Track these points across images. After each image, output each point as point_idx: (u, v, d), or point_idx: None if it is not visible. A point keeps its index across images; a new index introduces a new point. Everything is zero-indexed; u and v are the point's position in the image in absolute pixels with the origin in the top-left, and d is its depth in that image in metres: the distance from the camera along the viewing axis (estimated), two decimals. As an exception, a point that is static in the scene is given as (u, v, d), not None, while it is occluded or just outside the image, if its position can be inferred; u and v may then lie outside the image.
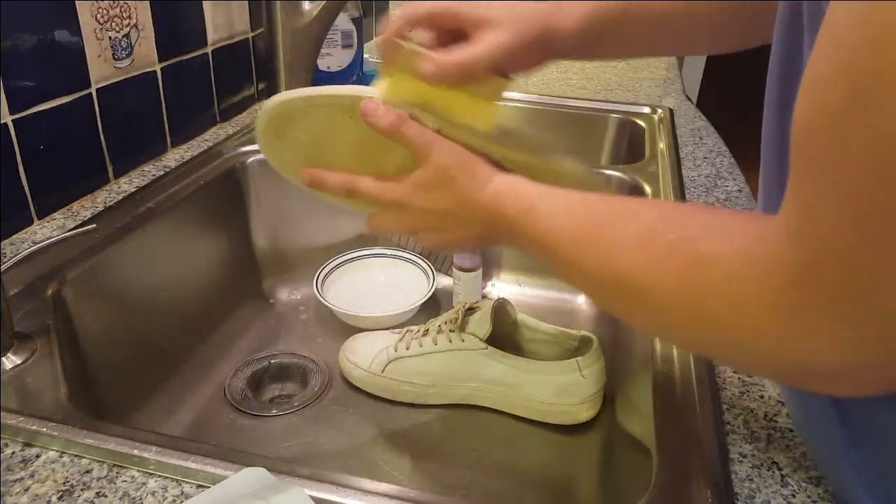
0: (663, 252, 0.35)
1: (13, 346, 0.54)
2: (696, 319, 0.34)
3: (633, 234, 0.38)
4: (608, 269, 0.38)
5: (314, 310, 0.89)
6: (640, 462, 0.52)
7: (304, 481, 0.43)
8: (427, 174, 0.47)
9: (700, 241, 0.34)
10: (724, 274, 0.32)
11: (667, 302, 0.35)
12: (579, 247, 0.41)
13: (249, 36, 1.03)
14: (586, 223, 0.41)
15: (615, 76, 1.36)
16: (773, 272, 0.30)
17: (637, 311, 0.39)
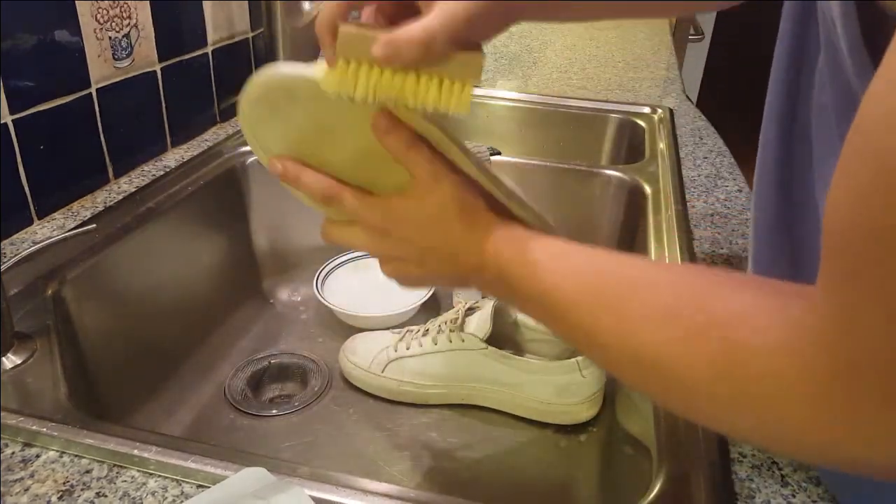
0: (692, 335, 0.33)
1: (13, 346, 0.54)
2: (738, 412, 0.33)
3: (654, 309, 0.35)
4: (629, 344, 0.36)
5: (314, 310, 0.89)
6: (640, 462, 0.52)
7: (304, 481, 0.43)
8: (424, 207, 0.43)
9: (731, 329, 0.32)
10: (764, 368, 0.30)
11: (698, 386, 0.33)
12: (594, 316, 0.38)
13: (249, 36, 1.03)
14: (601, 291, 0.38)
15: (615, 76, 1.36)
16: (816, 369, 0.29)
17: (661, 391, 0.37)
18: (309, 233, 0.95)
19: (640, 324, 0.35)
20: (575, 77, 1.34)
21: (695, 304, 0.34)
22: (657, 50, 1.61)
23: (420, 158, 0.43)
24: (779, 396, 0.30)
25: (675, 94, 1.26)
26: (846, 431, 0.29)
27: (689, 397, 0.35)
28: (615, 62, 1.48)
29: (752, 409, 0.32)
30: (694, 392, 0.34)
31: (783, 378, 0.30)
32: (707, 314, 0.33)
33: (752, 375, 0.31)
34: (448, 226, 0.43)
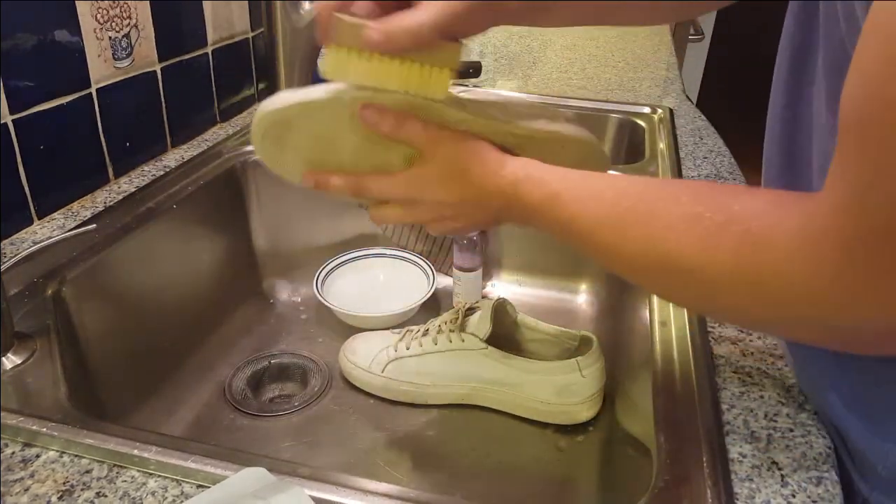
0: (713, 233, 0.36)
1: (13, 346, 0.54)
2: (755, 297, 0.36)
3: (677, 217, 0.38)
4: (655, 252, 0.39)
5: (314, 310, 0.89)
6: (640, 462, 0.52)
7: (304, 481, 0.43)
8: (436, 168, 0.47)
9: (751, 222, 0.35)
10: (782, 252, 0.33)
11: (722, 282, 0.36)
12: (619, 232, 0.41)
13: (249, 36, 1.03)
14: (623, 208, 0.41)
15: (615, 76, 1.36)
16: (830, 246, 0.32)
17: (689, 292, 0.40)
18: (309, 233, 0.95)
19: (665, 232, 0.38)
20: (575, 77, 1.34)
21: (714, 206, 0.37)
22: (657, 50, 1.61)
23: (413, 131, 0.46)
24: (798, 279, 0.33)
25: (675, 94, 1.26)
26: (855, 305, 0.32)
27: (717, 296, 0.38)
28: (615, 62, 1.48)
29: (774, 296, 0.35)
30: (721, 290, 0.37)
31: (800, 259, 0.33)
32: (727, 213, 0.36)
33: (771, 262, 0.34)
34: (464, 177, 0.46)
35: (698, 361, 0.55)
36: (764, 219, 0.35)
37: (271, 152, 0.51)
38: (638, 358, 0.64)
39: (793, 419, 0.50)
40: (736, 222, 0.36)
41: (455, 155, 0.46)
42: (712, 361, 0.56)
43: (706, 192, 0.39)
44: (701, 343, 0.57)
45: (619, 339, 0.77)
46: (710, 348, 0.57)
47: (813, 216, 0.33)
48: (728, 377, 0.54)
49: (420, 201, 0.49)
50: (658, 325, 0.60)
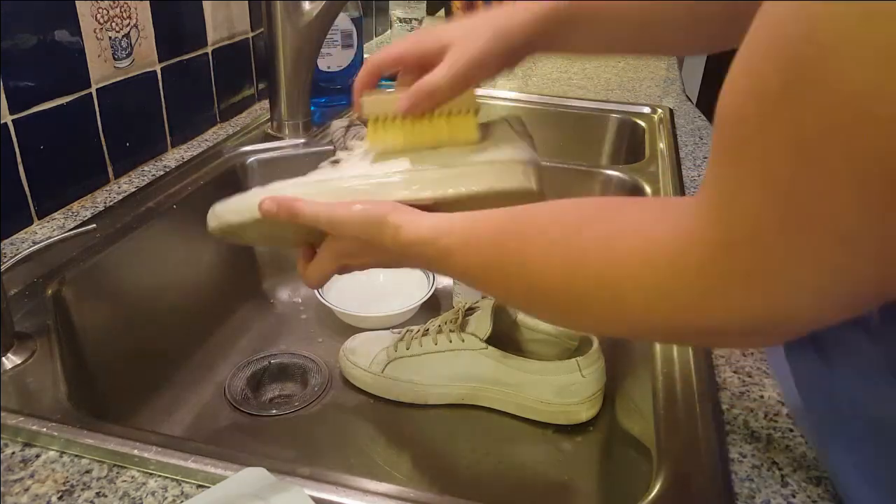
0: (576, 256, 0.37)
1: (13, 346, 0.54)
2: (619, 311, 0.36)
3: (542, 246, 0.39)
4: (528, 283, 0.40)
5: (314, 310, 0.89)
6: (640, 462, 0.52)
7: (304, 481, 0.43)
8: (342, 244, 0.52)
9: (613, 239, 0.35)
10: (641, 262, 0.33)
11: (588, 300, 0.37)
12: (499, 272, 0.42)
13: (249, 36, 1.03)
14: (497, 248, 0.42)
15: (615, 76, 1.36)
16: (690, 250, 0.31)
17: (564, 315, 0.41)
18: (309, 233, 0.95)
19: (533, 262, 0.39)
20: (575, 77, 1.34)
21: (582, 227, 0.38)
22: None
23: (306, 218, 0.51)
24: (656, 287, 0.33)
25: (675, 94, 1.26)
26: (714, 309, 0.32)
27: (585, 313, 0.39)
28: (615, 62, 1.47)
29: (635, 307, 0.35)
30: (588, 307, 0.38)
31: (658, 267, 0.33)
32: (591, 232, 0.37)
33: (630, 275, 0.34)
34: (370, 247, 0.50)
35: (698, 361, 0.55)
36: (624, 232, 0.35)
37: (236, 242, 0.62)
38: (638, 358, 0.64)
39: (793, 419, 0.50)
40: (598, 240, 0.36)
41: (355, 233, 0.50)
42: (712, 361, 0.56)
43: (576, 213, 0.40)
44: (701, 343, 0.57)
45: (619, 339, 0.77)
46: (710, 348, 0.57)
47: (674, 223, 0.33)
48: (728, 377, 0.54)
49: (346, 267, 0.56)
50: (658, 325, 0.60)
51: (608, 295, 0.36)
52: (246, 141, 0.93)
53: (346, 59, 1.09)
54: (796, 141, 0.26)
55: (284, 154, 0.92)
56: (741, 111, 0.28)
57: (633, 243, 0.34)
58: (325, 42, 0.96)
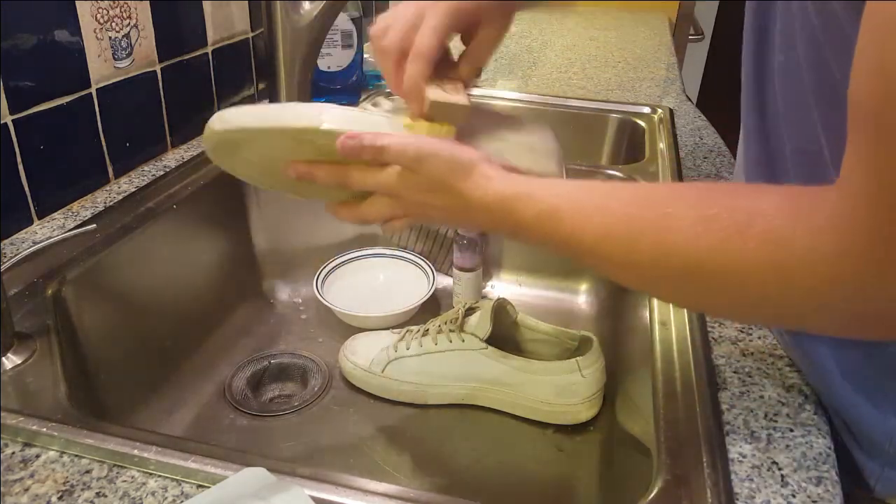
0: (732, 234, 0.36)
1: (13, 346, 0.54)
2: (784, 291, 0.36)
3: (691, 221, 0.38)
4: (671, 260, 0.39)
5: (314, 310, 0.89)
6: (640, 462, 0.52)
7: (304, 481, 0.43)
8: (422, 180, 0.46)
9: (772, 220, 0.35)
10: (808, 243, 0.34)
11: (751, 281, 0.36)
12: (628, 243, 0.40)
13: (249, 36, 1.03)
14: (630, 217, 0.41)
15: (615, 76, 1.36)
16: (855, 232, 0.32)
17: (713, 296, 0.40)
18: (309, 233, 0.95)
19: (682, 237, 0.38)
20: (575, 77, 1.34)
21: (729, 207, 0.37)
22: (657, 50, 1.61)
23: (394, 152, 0.46)
24: (827, 275, 0.34)
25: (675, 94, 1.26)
26: (881, 291, 0.33)
27: (741, 292, 0.38)
28: (615, 62, 1.47)
29: (804, 293, 0.35)
30: (745, 286, 0.37)
31: (829, 255, 0.33)
32: (744, 213, 0.36)
33: (798, 259, 0.34)
34: (450, 191, 0.46)
35: (698, 361, 0.55)
36: (783, 214, 0.35)
37: (225, 163, 0.53)
38: (638, 358, 0.64)
39: (793, 419, 0.50)
40: (755, 221, 0.36)
41: (440, 171, 0.46)
42: (712, 361, 0.56)
43: (717, 194, 0.39)
44: (701, 343, 0.57)
45: (619, 339, 0.77)
46: (710, 348, 0.57)
47: (834, 205, 0.33)
48: (728, 377, 0.54)
49: (402, 197, 0.48)
50: (658, 325, 0.60)
51: (773, 276, 0.36)
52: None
53: (346, 59, 1.08)
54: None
55: (284, 154, 0.92)
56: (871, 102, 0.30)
57: (793, 226, 0.35)
58: (325, 42, 0.96)
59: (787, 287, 0.36)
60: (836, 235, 0.33)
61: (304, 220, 0.94)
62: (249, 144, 0.49)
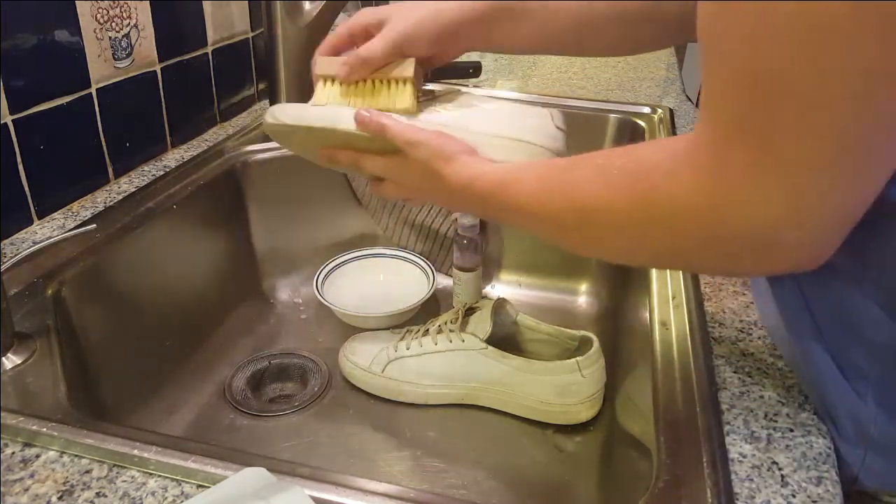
0: (615, 175, 0.41)
1: (13, 346, 0.54)
2: (647, 222, 0.40)
3: (590, 170, 0.44)
4: (571, 204, 0.44)
5: (314, 310, 0.89)
6: (640, 462, 0.52)
7: (304, 481, 0.43)
8: (410, 164, 0.54)
9: (643, 157, 0.41)
10: (663, 174, 0.38)
11: (622, 215, 0.41)
12: (546, 195, 0.46)
13: (249, 36, 1.03)
14: (550, 176, 0.47)
15: (615, 76, 1.36)
16: (698, 157, 0.36)
17: (598, 236, 0.45)
18: (309, 233, 0.95)
19: (580, 184, 0.44)
20: (575, 77, 1.34)
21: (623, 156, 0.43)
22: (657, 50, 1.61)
23: (391, 134, 0.53)
24: (676, 193, 0.37)
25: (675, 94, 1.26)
26: (730, 204, 0.35)
27: (619, 232, 0.43)
28: (615, 62, 1.47)
29: (660, 216, 0.39)
30: (622, 224, 0.41)
31: (676, 175, 0.37)
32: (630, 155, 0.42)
33: (655, 186, 0.38)
34: (434, 175, 0.52)
35: (698, 361, 0.55)
36: (651, 151, 0.40)
37: (283, 145, 0.66)
38: (638, 358, 0.64)
39: (793, 419, 0.50)
40: (632, 161, 0.41)
41: (426, 158, 0.52)
42: (712, 361, 0.56)
43: (623, 149, 0.44)
44: (701, 343, 0.57)
45: (619, 339, 0.77)
46: (710, 348, 0.57)
47: (685, 137, 0.37)
48: (728, 377, 0.54)
49: (403, 182, 0.57)
50: (658, 325, 0.60)
51: (637, 207, 0.39)
52: (246, 141, 0.93)
53: (346, 59, 1.08)
54: (745, 34, 0.31)
55: (284, 154, 0.92)
56: (706, 26, 0.34)
57: (656, 156, 0.39)
58: (325, 42, 0.96)
59: (648, 214, 0.39)
60: (686, 160, 0.36)
61: (304, 220, 0.94)
62: (294, 134, 0.58)
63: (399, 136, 0.53)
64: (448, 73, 1.24)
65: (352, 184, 0.95)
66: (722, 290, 0.65)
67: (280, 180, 0.91)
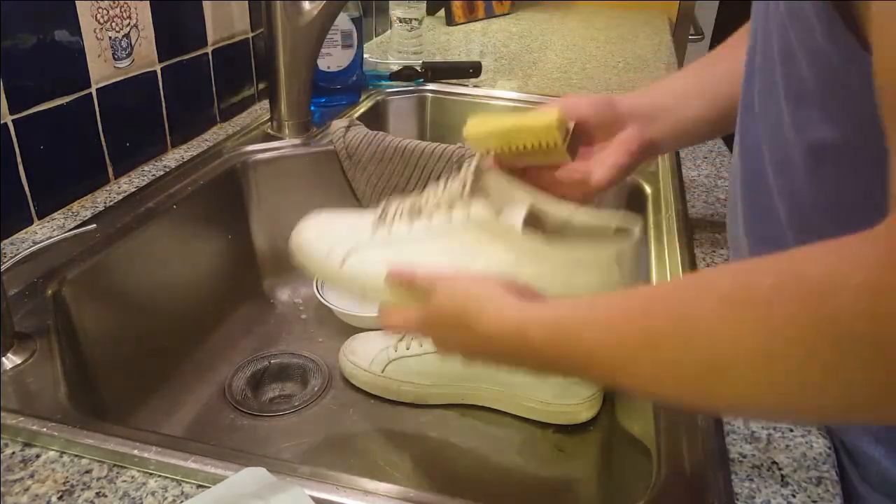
0: (765, 305, 0.30)
1: (13, 346, 0.54)
2: (836, 365, 0.28)
3: (715, 306, 0.31)
4: (706, 357, 0.32)
5: (314, 310, 0.89)
6: (640, 462, 0.52)
7: (304, 481, 0.43)
8: (433, 314, 0.47)
9: (807, 273, 0.29)
10: (856, 291, 0.27)
11: (787, 360, 0.29)
12: (653, 351, 0.34)
13: (249, 36, 1.03)
14: (650, 323, 0.35)
15: (615, 76, 1.36)
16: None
17: (739, 394, 0.32)
18: (309, 233, 0.95)
19: (711, 328, 0.31)
20: (575, 77, 1.34)
21: (753, 276, 0.31)
22: (657, 50, 1.61)
23: (407, 282, 0.50)
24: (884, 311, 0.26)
25: (675, 94, 1.26)
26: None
27: (769, 387, 0.31)
28: (615, 62, 1.47)
29: (859, 339, 0.27)
30: (784, 373, 0.30)
31: (885, 292, 0.26)
32: (773, 276, 0.30)
33: (848, 303, 0.27)
34: (463, 326, 0.44)
35: (698, 361, 0.55)
36: (833, 264, 0.28)
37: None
38: (638, 358, 0.64)
39: (793, 419, 0.50)
40: (787, 282, 0.29)
41: (453, 306, 0.45)
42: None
43: (754, 265, 0.32)
44: (701, 343, 0.57)
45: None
46: None
47: (872, 234, 0.28)
48: (728, 377, 0.54)
49: (429, 334, 0.49)
50: (658, 325, 0.60)
51: (822, 336, 0.28)
52: (246, 141, 0.93)
53: (346, 59, 1.08)
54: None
55: (284, 154, 0.92)
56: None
57: (837, 276, 0.28)
58: (325, 42, 0.96)
59: (845, 353, 0.28)
60: (890, 260, 0.26)
61: (304, 220, 0.94)
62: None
63: (418, 281, 0.48)
64: (448, 73, 1.24)
65: (352, 184, 0.95)
66: (722, 290, 0.65)
67: (280, 180, 0.91)
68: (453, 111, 1.22)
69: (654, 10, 2.06)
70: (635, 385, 0.37)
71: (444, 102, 1.22)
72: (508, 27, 1.79)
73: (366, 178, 0.94)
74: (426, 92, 1.22)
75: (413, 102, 1.22)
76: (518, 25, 1.81)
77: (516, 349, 0.41)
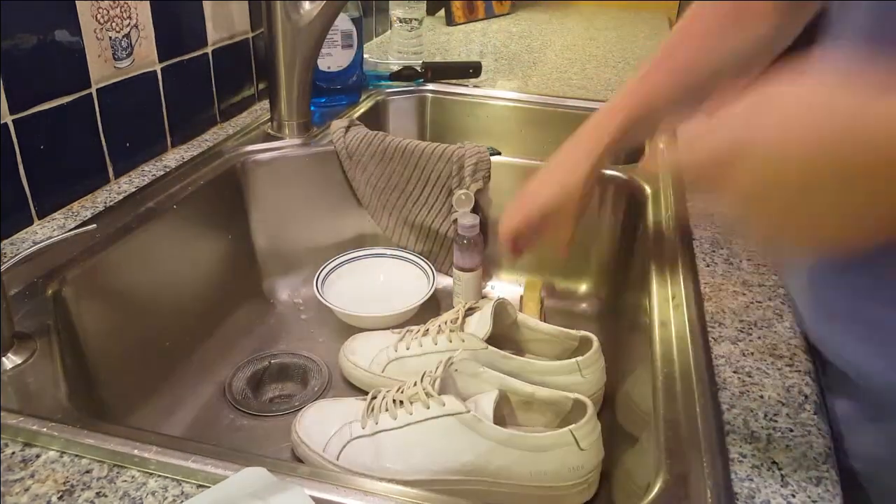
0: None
1: (13, 346, 0.54)
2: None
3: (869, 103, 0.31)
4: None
5: (314, 310, 0.89)
6: (641, 462, 0.52)
7: (304, 481, 0.43)
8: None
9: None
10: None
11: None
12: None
13: (249, 36, 1.03)
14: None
15: (615, 76, 1.36)
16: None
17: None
18: (309, 233, 0.95)
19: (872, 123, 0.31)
20: (575, 77, 1.34)
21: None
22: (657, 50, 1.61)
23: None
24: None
25: (675, 94, 1.26)
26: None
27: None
28: (615, 62, 1.48)
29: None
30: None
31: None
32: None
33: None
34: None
35: (698, 361, 0.55)
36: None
37: None
38: (638, 358, 0.64)
39: (793, 419, 0.50)
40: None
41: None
42: (712, 361, 0.56)
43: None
44: (701, 343, 0.57)
45: (619, 339, 0.77)
46: (710, 348, 0.57)
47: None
48: (728, 377, 0.54)
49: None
50: (658, 325, 0.60)
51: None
52: (246, 141, 0.93)
53: (346, 59, 1.09)
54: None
55: (284, 154, 0.92)
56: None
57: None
58: (325, 42, 0.96)
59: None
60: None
61: (304, 220, 0.94)
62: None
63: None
64: (448, 73, 1.24)
65: (352, 184, 0.95)
66: (722, 290, 0.65)
67: (280, 180, 0.91)
68: (453, 111, 1.22)
69: (654, 10, 2.06)
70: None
71: (444, 102, 1.22)
72: (508, 27, 1.79)
73: (366, 178, 0.94)
74: (426, 92, 1.22)
75: (413, 102, 1.22)
76: (518, 25, 1.81)
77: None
